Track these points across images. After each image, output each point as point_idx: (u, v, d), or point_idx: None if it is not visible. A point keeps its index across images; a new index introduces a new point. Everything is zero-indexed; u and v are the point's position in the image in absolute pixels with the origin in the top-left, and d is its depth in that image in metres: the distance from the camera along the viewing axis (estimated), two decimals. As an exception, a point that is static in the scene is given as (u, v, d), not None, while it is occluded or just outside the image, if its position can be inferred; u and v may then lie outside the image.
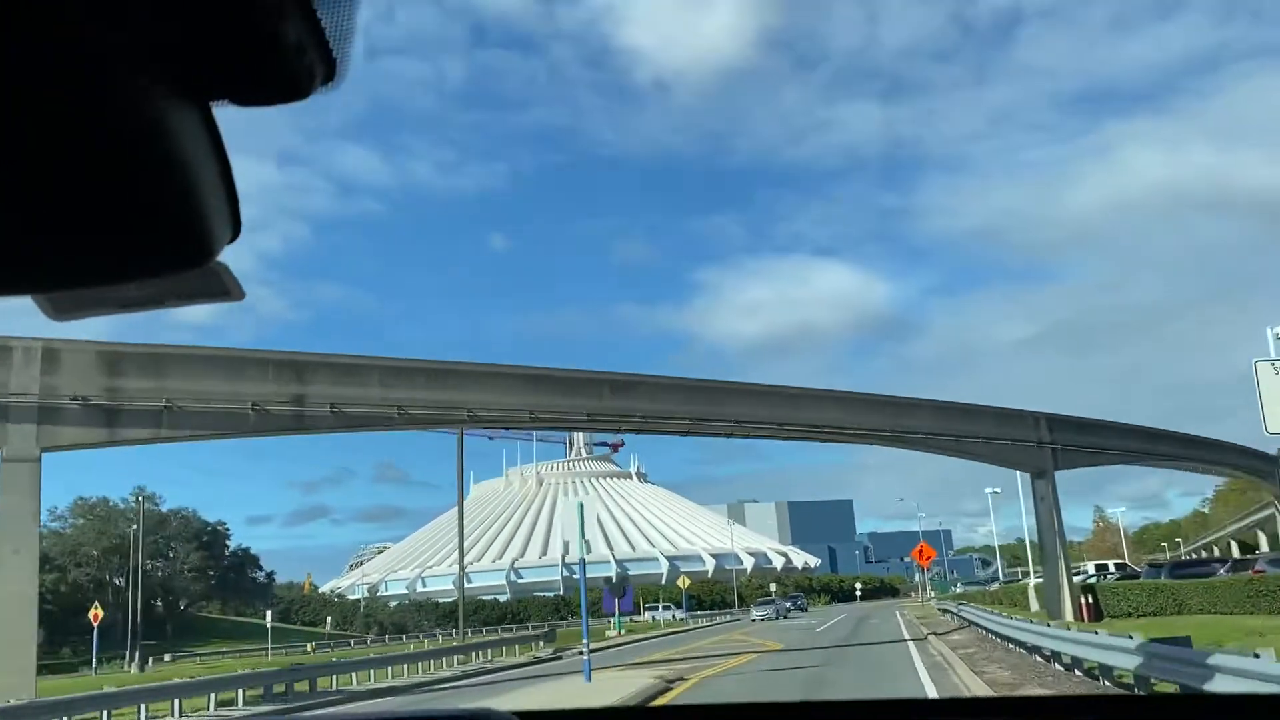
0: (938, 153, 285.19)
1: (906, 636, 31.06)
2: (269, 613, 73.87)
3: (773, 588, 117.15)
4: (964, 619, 30.73)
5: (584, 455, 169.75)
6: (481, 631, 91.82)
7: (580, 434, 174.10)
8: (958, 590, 74.49)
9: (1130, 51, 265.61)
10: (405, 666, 30.04)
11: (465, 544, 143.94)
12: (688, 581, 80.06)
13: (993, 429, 31.01)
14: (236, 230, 0.85)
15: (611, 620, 61.34)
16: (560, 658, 34.67)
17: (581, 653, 22.44)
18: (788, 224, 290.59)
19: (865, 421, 29.78)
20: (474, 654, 36.54)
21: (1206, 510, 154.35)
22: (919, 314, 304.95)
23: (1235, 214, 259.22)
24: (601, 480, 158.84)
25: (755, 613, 70.81)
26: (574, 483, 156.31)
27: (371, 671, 28.07)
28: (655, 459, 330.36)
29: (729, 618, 78.61)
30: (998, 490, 59.34)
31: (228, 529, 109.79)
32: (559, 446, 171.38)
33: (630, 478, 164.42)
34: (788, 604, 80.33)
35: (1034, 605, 34.45)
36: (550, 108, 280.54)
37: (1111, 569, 47.74)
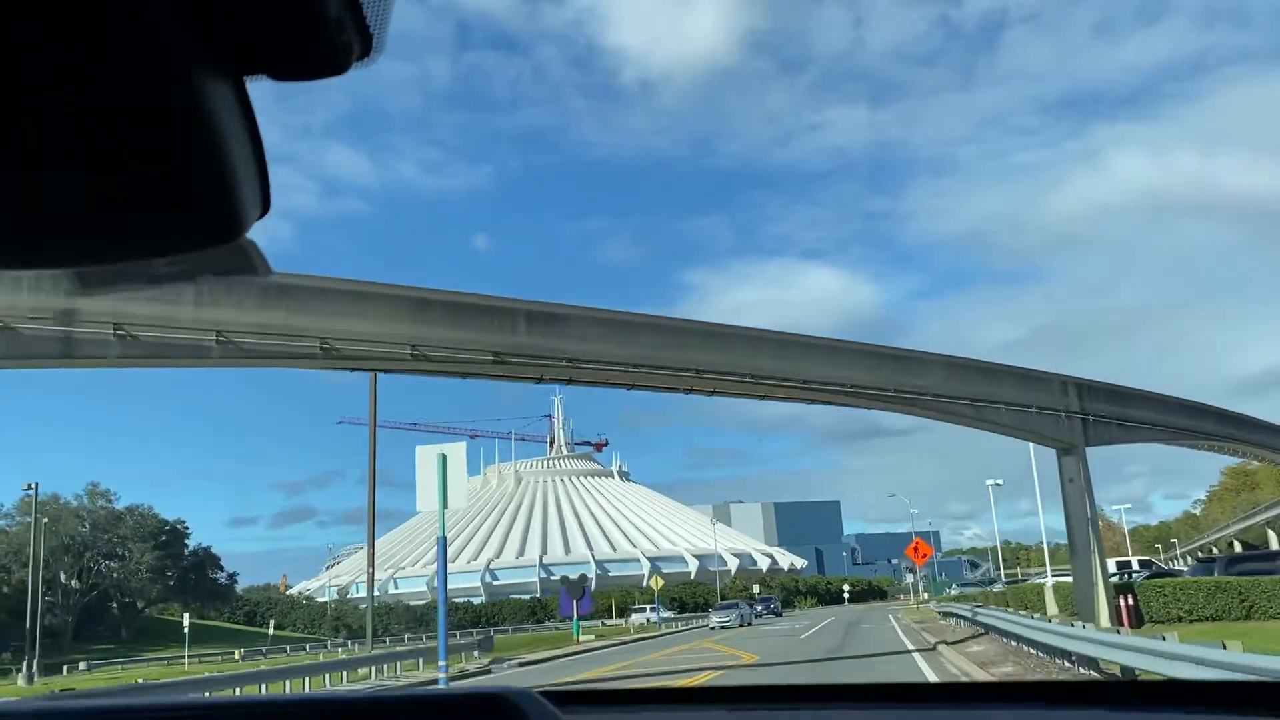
0: (924, 156, 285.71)
1: (910, 646, 26.81)
2: (186, 615, 69.16)
3: (756, 589, 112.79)
4: (980, 625, 26.17)
5: (565, 453, 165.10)
6: (421, 639, 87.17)
7: (561, 431, 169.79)
8: (953, 592, 69.99)
9: (1115, 57, 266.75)
10: (307, 681, 25.15)
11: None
12: (661, 582, 74.84)
13: (1015, 394, 26.34)
14: (266, 206, 0.85)
15: (588, 624, 56.95)
16: (491, 671, 29.87)
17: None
18: (775, 226, 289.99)
19: (864, 379, 24.80)
20: (380, 667, 31.15)
21: (1198, 512, 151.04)
22: (905, 316, 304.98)
23: (1218, 218, 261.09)
24: (582, 479, 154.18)
25: (714, 619, 59.26)
26: (554, 481, 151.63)
27: (264, 686, 23.31)
28: (642, 461, 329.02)
29: (697, 623, 71.32)
30: (999, 482, 55.16)
31: (187, 527, 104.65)
32: (541, 445, 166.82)
33: (612, 476, 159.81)
34: (758, 608, 70.90)
35: (1051, 608, 30.16)
36: (537, 109, 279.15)
37: (1135, 566, 43.47)
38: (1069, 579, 30.23)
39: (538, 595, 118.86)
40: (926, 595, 73.31)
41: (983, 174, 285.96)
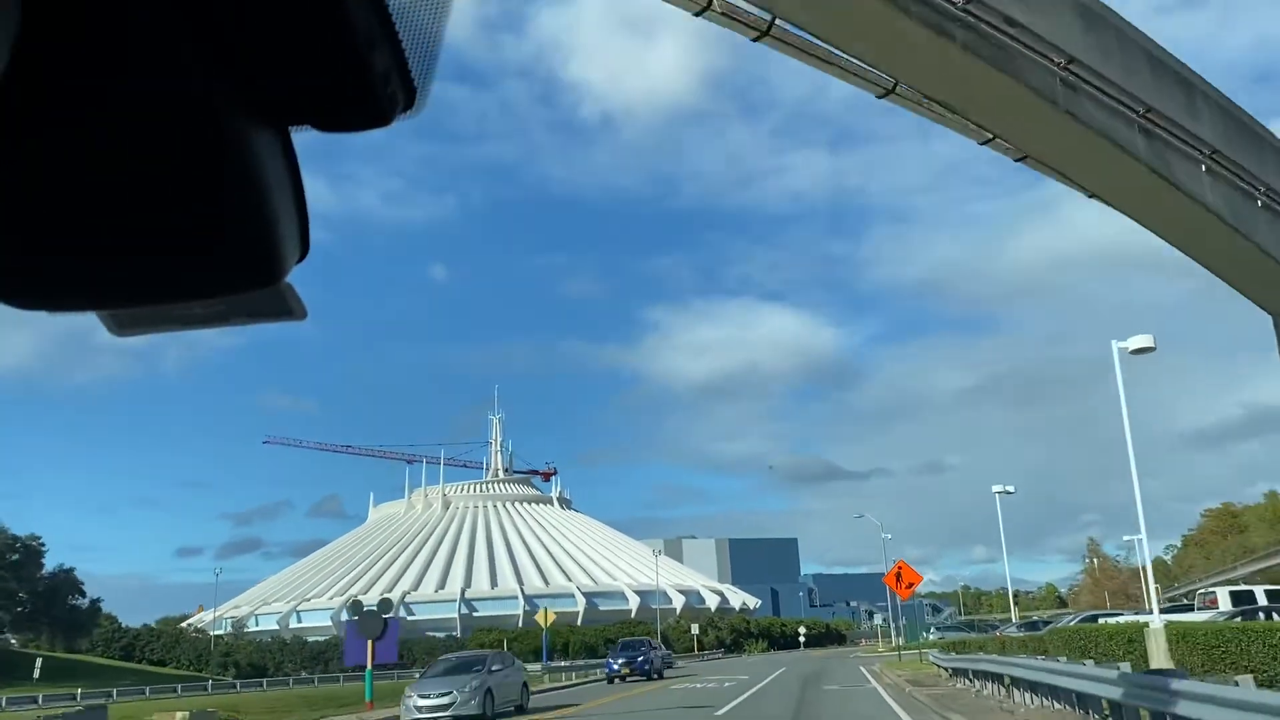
0: (883, 203, 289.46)
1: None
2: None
3: (693, 628, 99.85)
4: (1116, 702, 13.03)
5: (501, 476, 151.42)
6: (314, 680, 73.34)
7: (499, 454, 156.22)
8: (932, 636, 57.58)
9: None
10: None
11: (351, 575, 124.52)
12: (552, 616, 60.93)
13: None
14: (305, 250, 0.86)
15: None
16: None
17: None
18: (736, 267, 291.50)
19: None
20: None
21: (1169, 558, 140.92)
22: (865, 361, 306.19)
23: (1168, 272, 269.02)
24: (518, 505, 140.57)
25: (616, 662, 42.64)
26: (486, 507, 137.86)
27: None
28: (599, 497, 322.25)
29: (598, 675, 49.85)
30: (1010, 490, 43.21)
31: (43, 545, 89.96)
32: (477, 470, 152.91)
33: (551, 503, 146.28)
34: (638, 659, 43.33)
35: (1157, 658, 18.00)
36: (501, 143, 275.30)
37: (1261, 598, 31.32)
38: (1187, 616, 18.47)
39: (456, 634, 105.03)
40: (899, 640, 60.70)
41: (940, 222, 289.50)
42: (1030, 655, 22.85)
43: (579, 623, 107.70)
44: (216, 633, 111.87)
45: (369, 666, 27.45)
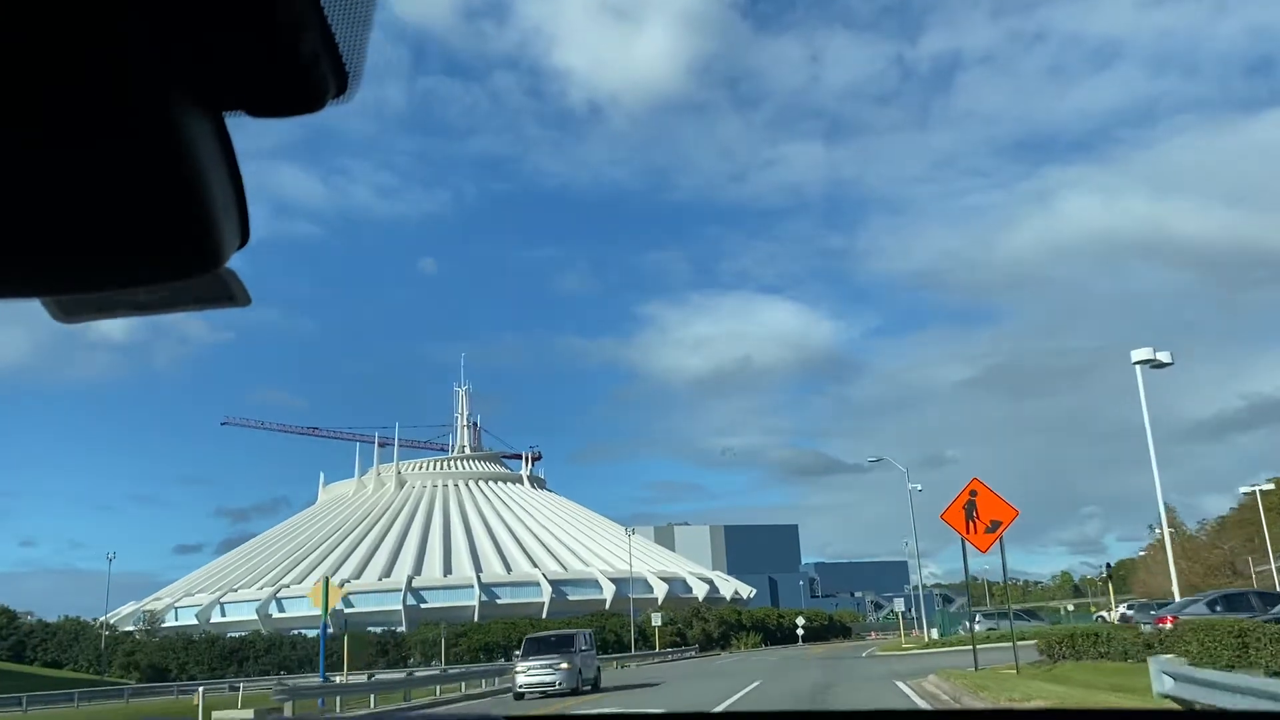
0: (880, 194, 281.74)
1: None
2: None
3: (655, 618, 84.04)
4: None
5: (468, 453, 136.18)
6: (225, 686, 58.44)
7: (466, 429, 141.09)
8: (979, 628, 42.08)
9: (1068, 101, 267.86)
10: None
11: (285, 564, 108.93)
12: (339, 595, 42.68)
13: None
14: (245, 237, 0.86)
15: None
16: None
17: None
18: (732, 261, 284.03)
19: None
20: None
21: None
22: (864, 354, 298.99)
23: (1168, 263, 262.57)
24: (482, 484, 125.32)
25: (525, 675, 30.12)
26: (446, 486, 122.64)
27: None
28: (595, 493, 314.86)
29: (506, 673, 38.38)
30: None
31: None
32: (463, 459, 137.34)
33: (520, 481, 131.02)
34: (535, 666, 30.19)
35: None
36: (494, 136, 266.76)
37: None
38: None
39: (401, 628, 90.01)
40: (931, 634, 45.13)
41: (937, 214, 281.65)
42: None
43: (544, 615, 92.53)
44: (128, 629, 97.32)
45: None
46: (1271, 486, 66.56)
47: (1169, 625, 22.37)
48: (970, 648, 27.87)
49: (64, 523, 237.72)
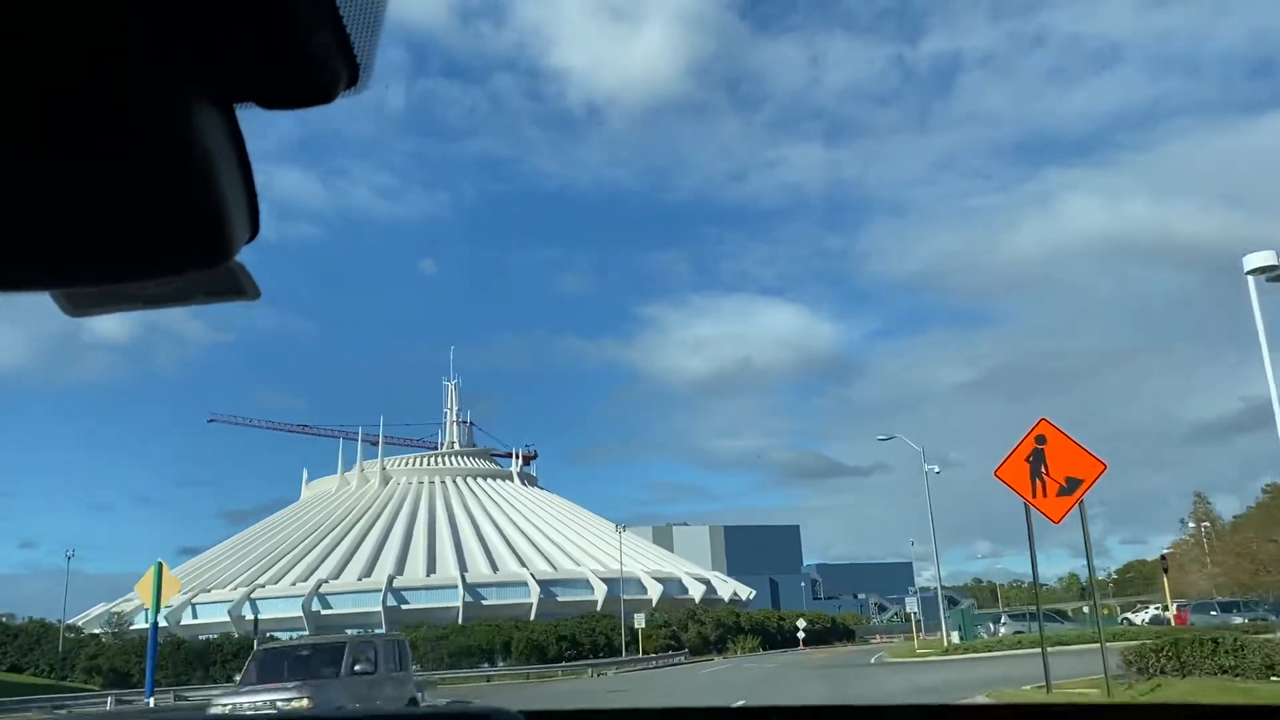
0: (880, 196, 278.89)
1: None
2: None
3: (637, 619, 78.68)
4: None
5: (457, 449, 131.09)
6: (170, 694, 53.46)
7: (455, 425, 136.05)
8: (1003, 631, 36.94)
9: (1069, 103, 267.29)
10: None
11: (261, 564, 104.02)
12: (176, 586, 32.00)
13: None
14: (255, 230, 0.86)
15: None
16: None
17: None
18: (733, 262, 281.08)
19: None
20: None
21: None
22: (865, 356, 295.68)
23: (1170, 266, 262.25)
24: (469, 481, 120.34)
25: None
26: (432, 483, 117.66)
27: None
28: (595, 494, 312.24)
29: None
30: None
31: None
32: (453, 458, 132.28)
33: (510, 479, 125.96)
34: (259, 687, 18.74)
35: None
36: (493, 137, 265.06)
37: None
38: None
39: (380, 629, 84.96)
40: (952, 637, 40.00)
41: (938, 215, 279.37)
42: None
43: (532, 616, 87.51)
44: (94, 631, 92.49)
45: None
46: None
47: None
48: (1001, 654, 22.90)
49: (63, 523, 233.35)
